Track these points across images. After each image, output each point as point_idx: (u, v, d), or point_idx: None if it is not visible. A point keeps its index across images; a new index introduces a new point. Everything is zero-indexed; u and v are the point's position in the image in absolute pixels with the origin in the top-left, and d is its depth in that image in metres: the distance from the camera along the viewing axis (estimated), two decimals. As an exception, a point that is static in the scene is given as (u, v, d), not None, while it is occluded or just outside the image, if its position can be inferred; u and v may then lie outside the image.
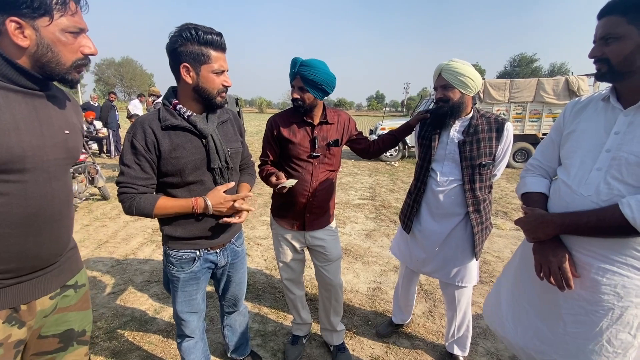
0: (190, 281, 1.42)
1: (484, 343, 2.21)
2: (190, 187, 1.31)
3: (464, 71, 1.58)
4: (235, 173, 1.44)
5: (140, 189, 1.24)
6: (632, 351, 1.04)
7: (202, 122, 1.28)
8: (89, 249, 3.50)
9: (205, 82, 1.21)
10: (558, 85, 7.91)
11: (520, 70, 66.01)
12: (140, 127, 1.22)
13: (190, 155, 1.26)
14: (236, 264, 1.57)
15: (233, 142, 1.42)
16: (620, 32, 0.95)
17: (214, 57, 1.20)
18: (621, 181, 0.98)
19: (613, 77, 1.02)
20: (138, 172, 1.22)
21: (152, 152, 1.22)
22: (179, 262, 1.38)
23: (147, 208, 1.22)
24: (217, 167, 1.32)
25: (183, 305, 1.45)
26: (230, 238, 1.49)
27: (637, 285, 0.98)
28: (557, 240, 1.09)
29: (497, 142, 1.64)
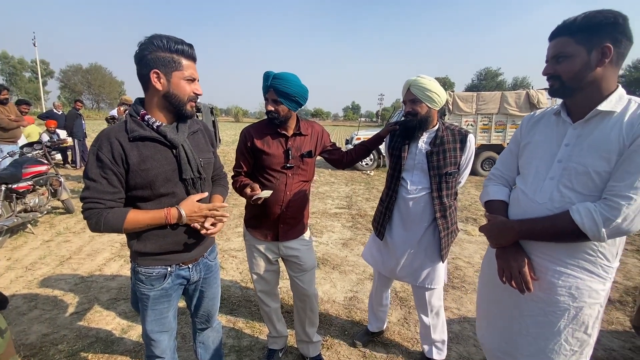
0: (161, 299, 1.35)
1: (456, 347, 2.26)
2: (161, 199, 1.26)
3: (430, 87, 1.68)
4: (207, 184, 1.41)
5: (108, 204, 1.17)
6: (588, 349, 1.12)
7: (172, 132, 1.25)
8: (50, 266, 3.28)
9: (176, 89, 1.20)
10: (520, 98, 8.42)
11: (486, 83, 69.71)
12: (106, 139, 1.17)
13: (160, 166, 1.22)
14: (209, 278, 1.51)
15: (205, 153, 1.39)
16: (570, 51, 1.03)
17: (185, 65, 1.20)
18: (571, 189, 1.06)
19: (564, 92, 1.11)
20: (105, 187, 1.16)
21: (119, 165, 1.17)
22: (148, 279, 1.31)
23: (117, 223, 1.16)
24: (189, 178, 1.28)
25: (153, 324, 1.38)
26: (203, 252, 1.45)
27: (589, 286, 1.06)
28: (517, 246, 1.15)
29: (461, 152, 1.74)
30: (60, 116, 8.51)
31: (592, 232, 0.97)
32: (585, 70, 1.03)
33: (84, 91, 69.89)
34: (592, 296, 1.06)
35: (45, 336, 2.26)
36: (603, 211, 0.96)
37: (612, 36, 0.98)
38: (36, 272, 3.16)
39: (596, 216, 0.97)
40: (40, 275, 3.09)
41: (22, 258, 3.45)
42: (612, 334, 2.46)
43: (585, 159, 1.03)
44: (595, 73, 1.02)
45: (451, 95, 8.70)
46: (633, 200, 0.93)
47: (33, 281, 2.98)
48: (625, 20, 0.98)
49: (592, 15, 1.00)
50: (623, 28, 0.98)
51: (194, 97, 1.25)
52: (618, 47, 0.99)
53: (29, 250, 3.66)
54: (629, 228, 0.95)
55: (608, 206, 0.96)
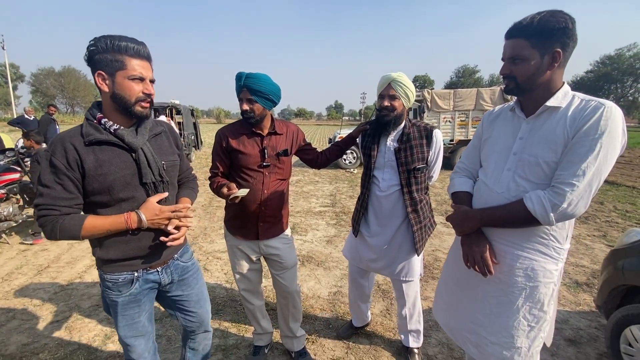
0: (131, 304, 1.32)
1: (436, 335, 2.37)
2: (121, 204, 1.22)
3: (410, 85, 1.76)
4: (172, 187, 1.38)
5: (64, 210, 1.13)
6: (545, 325, 1.22)
7: (131, 135, 1.22)
8: (27, 275, 3.20)
9: (120, 89, 1.15)
10: (494, 94, 8.72)
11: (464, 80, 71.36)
12: (60, 144, 1.13)
13: (119, 170, 1.19)
14: (187, 279, 1.48)
15: (168, 155, 1.36)
16: (526, 54, 1.10)
17: (130, 64, 1.14)
18: (525, 179, 1.15)
19: (519, 92, 1.19)
20: (60, 192, 1.12)
21: (75, 170, 1.13)
22: (115, 285, 1.28)
23: (73, 230, 1.12)
24: (150, 182, 1.25)
25: (126, 329, 1.35)
26: (172, 254, 1.41)
27: (544, 267, 1.16)
28: (479, 233, 1.24)
29: (427, 147, 1.82)
30: (32, 122, 8.20)
31: (542, 217, 1.07)
32: (537, 73, 1.11)
33: (57, 95, 67.26)
34: (546, 276, 1.15)
35: (25, 346, 2.22)
36: (551, 197, 1.06)
37: (561, 41, 1.06)
38: (13, 282, 3.08)
39: (545, 202, 1.06)
40: (17, 286, 3.01)
41: (-3, 269, 3.35)
42: (579, 314, 2.63)
43: (536, 151, 1.13)
44: (546, 75, 1.11)
45: (429, 93, 8.91)
46: (576, 187, 1.03)
47: (10, 292, 2.91)
48: (574, 24, 1.07)
49: (546, 19, 1.06)
50: (572, 32, 1.06)
51: (144, 97, 1.19)
52: (566, 50, 1.08)
53: (4, 260, 3.55)
54: (574, 212, 1.05)
55: (555, 193, 1.06)
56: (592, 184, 1.03)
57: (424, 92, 8.94)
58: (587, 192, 1.04)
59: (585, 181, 1.02)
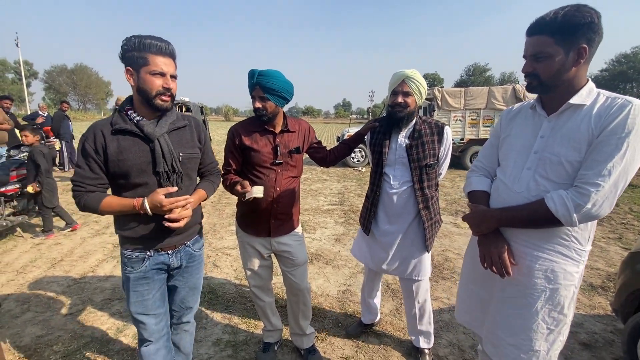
0: (141, 281, 1.42)
1: (446, 335, 2.34)
2: (137, 189, 1.35)
3: (422, 82, 1.75)
4: (187, 178, 1.46)
5: (89, 188, 1.31)
6: (565, 328, 1.19)
7: (150, 126, 1.33)
8: (42, 269, 3.26)
9: (143, 83, 1.27)
10: (507, 93, 8.58)
11: (474, 78, 70.38)
12: (92, 131, 1.30)
13: (136, 158, 1.31)
14: (191, 267, 1.57)
15: (188, 148, 1.45)
16: (550, 51, 1.06)
17: (153, 60, 1.26)
18: (546, 178, 1.12)
19: (542, 90, 1.15)
20: (87, 172, 1.30)
21: (100, 154, 1.29)
22: (130, 261, 1.41)
23: (93, 205, 1.30)
24: (162, 171, 1.35)
25: (136, 306, 1.44)
26: (184, 240, 1.51)
27: (564, 269, 1.13)
28: (497, 233, 1.21)
29: (439, 144, 1.81)
30: (46, 118, 8.36)
31: (564, 217, 1.04)
32: (562, 70, 1.07)
33: (70, 92, 68.46)
34: (566, 278, 1.12)
35: (39, 338, 2.26)
36: (574, 198, 1.03)
37: (587, 36, 1.02)
38: (27, 275, 3.14)
39: (568, 202, 1.03)
40: (32, 278, 3.07)
41: (13, 262, 3.42)
42: (594, 318, 2.57)
43: (559, 150, 1.10)
44: (571, 72, 1.07)
45: (440, 91, 8.81)
46: (601, 187, 1.00)
47: (25, 284, 2.97)
48: (600, 19, 1.03)
49: (571, 14, 1.02)
50: (597, 27, 1.02)
51: (163, 91, 1.29)
52: (592, 46, 1.04)
53: (19, 253, 3.62)
54: (598, 213, 1.02)
55: (579, 193, 1.02)
56: (618, 184, 1.00)
57: (434, 90, 8.84)
58: (612, 192, 1.01)
59: (611, 181, 0.99)
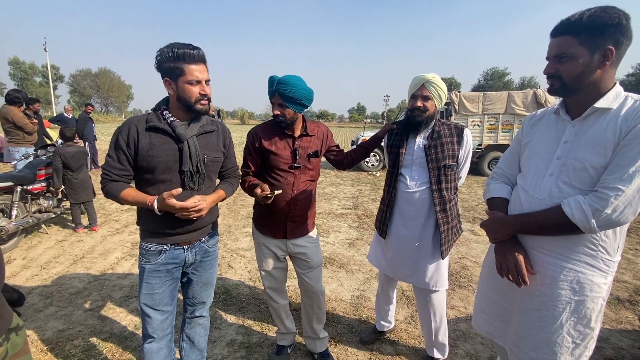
0: (154, 273, 1.47)
1: (463, 345, 2.28)
2: (159, 185, 1.41)
3: (442, 87, 1.74)
4: (207, 180, 1.53)
5: (114, 177, 1.39)
6: (591, 342, 1.14)
7: (182, 128, 1.41)
8: (64, 265, 3.38)
9: (183, 93, 1.35)
10: (527, 98, 8.36)
11: (493, 83, 69.02)
12: (128, 125, 1.39)
13: (164, 155, 1.38)
14: (205, 262, 1.62)
15: (213, 152, 1.52)
16: (573, 52, 1.04)
17: (189, 70, 1.33)
18: (570, 185, 1.08)
19: (564, 92, 1.12)
20: (115, 163, 1.38)
21: (131, 147, 1.37)
22: (147, 253, 1.47)
23: (115, 193, 1.38)
24: (187, 170, 1.42)
25: (146, 297, 1.49)
26: (200, 236, 1.56)
27: (591, 280, 1.08)
28: (514, 240, 1.18)
29: (458, 146, 1.78)
30: (71, 120, 8.69)
31: (582, 223, 1.00)
32: (586, 72, 1.04)
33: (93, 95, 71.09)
34: (594, 290, 1.08)
35: (61, 332, 2.34)
36: (592, 202, 0.99)
37: (614, 38, 0.99)
38: (51, 270, 3.25)
39: (585, 207, 0.99)
40: (54, 274, 3.18)
41: (37, 257, 3.55)
42: (621, 333, 2.45)
43: (583, 155, 1.06)
44: (596, 74, 1.04)
45: (457, 95, 8.68)
46: (621, 192, 0.95)
47: (48, 279, 3.08)
48: (628, 21, 1.00)
49: (597, 15, 0.99)
50: (626, 29, 0.99)
51: (201, 97, 1.38)
52: (619, 48, 1.01)
53: (43, 249, 3.76)
54: (619, 219, 0.98)
55: (597, 197, 0.99)
56: None
57: (451, 94, 8.71)
58: (635, 198, 0.96)
59: (634, 186, 0.95)
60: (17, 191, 3.70)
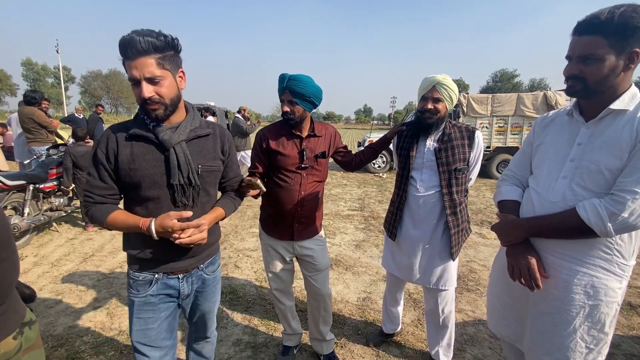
0: (145, 307, 1.26)
1: (471, 349, 2.25)
2: (147, 204, 1.19)
3: (454, 88, 1.72)
4: (204, 194, 1.28)
5: (97, 199, 1.18)
6: (605, 347, 1.12)
7: (167, 133, 1.16)
8: (74, 262, 3.43)
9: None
10: (537, 100, 8.27)
11: (502, 85, 68.43)
12: (106, 135, 1.17)
13: (149, 167, 1.15)
14: (205, 292, 1.41)
15: (208, 160, 1.28)
16: (602, 54, 0.98)
17: (128, 67, 1.07)
18: (584, 188, 1.07)
19: (586, 94, 1.08)
20: (96, 181, 1.17)
21: (111, 161, 1.15)
22: (135, 283, 1.25)
23: (99, 218, 1.17)
24: (177, 184, 1.18)
25: (139, 335, 1.27)
26: (197, 264, 1.34)
27: (606, 284, 1.06)
28: (527, 243, 1.17)
29: (469, 148, 1.76)
30: (81, 120, 8.83)
31: (598, 227, 0.98)
32: (611, 75, 1.01)
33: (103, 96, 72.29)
34: (608, 294, 1.06)
35: (71, 328, 2.37)
36: (608, 206, 0.97)
37: None
38: (61, 268, 3.31)
39: (601, 211, 0.97)
40: (65, 271, 3.23)
41: (48, 255, 3.61)
42: (633, 339, 2.40)
43: (598, 157, 1.04)
44: (619, 77, 1.01)
45: (465, 97, 8.61)
46: (639, 195, 0.93)
47: (59, 276, 3.12)
48: None
49: (629, 16, 0.94)
50: None
51: (142, 102, 1.11)
52: None
53: (54, 247, 3.83)
54: (636, 222, 0.96)
55: (614, 201, 0.97)
56: None
57: (459, 96, 8.63)
58: None
59: None
60: (29, 190, 3.77)
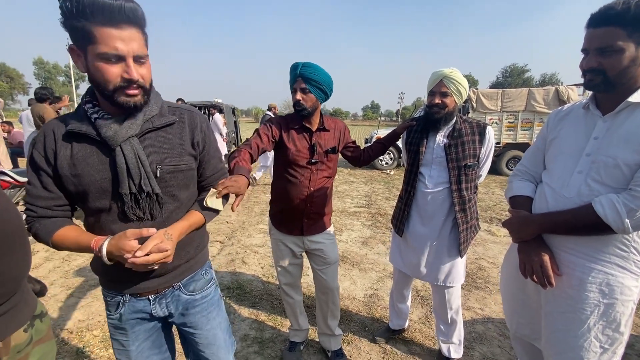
0: (118, 330, 1.10)
1: (480, 348, 2.23)
2: (100, 215, 0.97)
3: (462, 82, 1.68)
4: (171, 201, 1.03)
5: (40, 212, 0.95)
6: (620, 347, 1.08)
7: (111, 127, 0.90)
8: (84, 257, 3.47)
9: (94, 72, 0.84)
10: (548, 95, 8.09)
11: (512, 80, 67.30)
12: (43, 132, 0.92)
13: (94, 173, 0.92)
14: (193, 317, 1.13)
15: (172, 157, 1.00)
16: (620, 45, 0.96)
17: (102, 35, 0.79)
18: (600, 183, 1.03)
19: (606, 88, 1.04)
20: (38, 190, 0.94)
21: (51, 163, 0.92)
22: (107, 304, 1.10)
23: (44, 237, 0.95)
24: (126, 193, 0.93)
25: (120, 354, 1.12)
26: (170, 282, 1.09)
27: (621, 283, 1.03)
28: (539, 240, 1.14)
29: (480, 144, 1.73)
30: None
31: (615, 223, 0.95)
32: (631, 67, 0.97)
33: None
34: (624, 293, 1.03)
35: (81, 322, 2.41)
36: (626, 201, 0.94)
37: None
38: (72, 263, 3.36)
39: (619, 207, 0.94)
40: (75, 266, 3.28)
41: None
42: (647, 339, 2.34)
43: (615, 151, 1.01)
44: (639, 69, 0.98)
45: (475, 92, 8.48)
46: None
47: (69, 271, 3.18)
48: None
49: None
50: None
51: (124, 84, 0.85)
52: None
53: (65, 242, 3.88)
54: None
55: (632, 196, 0.94)
56: None
57: (469, 91, 8.54)
58: None
59: None
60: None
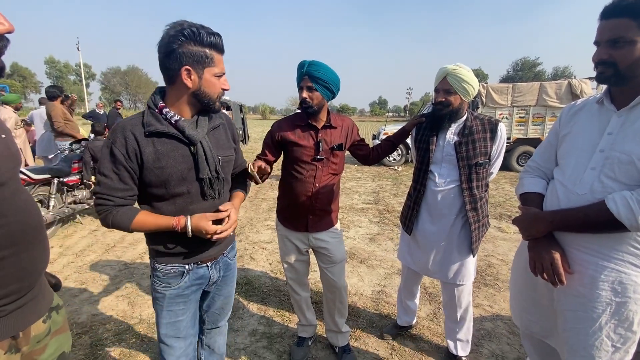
0: (177, 299, 1.27)
1: (488, 345, 2.21)
2: (175, 199, 1.19)
3: (467, 78, 1.64)
4: (226, 183, 1.32)
5: (117, 201, 1.13)
6: (633, 347, 1.07)
7: (191, 127, 1.16)
8: (97, 253, 3.56)
9: (207, 86, 1.12)
10: (561, 89, 7.92)
11: (523, 74, 65.99)
12: (121, 132, 1.10)
13: (176, 164, 1.14)
14: (227, 277, 1.45)
15: (225, 150, 1.30)
16: (631, 36, 0.95)
17: (217, 60, 1.12)
18: (614, 179, 1.01)
19: (617, 81, 1.03)
20: (116, 183, 1.11)
21: (133, 160, 1.10)
22: (166, 277, 1.25)
23: (124, 223, 1.12)
24: (206, 178, 1.19)
25: (168, 327, 1.28)
26: (223, 250, 1.37)
27: (634, 281, 1.01)
28: (550, 238, 1.12)
29: (491, 142, 1.70)
30: (102, 115, 9.10)
31: (629, 220, 0.93)
32: None
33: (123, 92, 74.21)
34: (637, 291, 1.00)
35: (94, 316, 2.47)
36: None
37: None
38: (85, 258, 3.44)
39: (632, 204, 0.92)
40: (88, 262, 3.36)
41: (73, 245, 3.76)
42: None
43: (630, 147, 0.98)
44: None
45: (484, 87, 8.35)
46: None
47: (83, 266, 3.25)
48: None
49: None
50: None
51: (222, 93, 1.18)
52: None
53: (78, 238, 3.98)
54: None
55: None
56: None
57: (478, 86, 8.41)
58: None
59: None
60: (54, 183, 3.92)
